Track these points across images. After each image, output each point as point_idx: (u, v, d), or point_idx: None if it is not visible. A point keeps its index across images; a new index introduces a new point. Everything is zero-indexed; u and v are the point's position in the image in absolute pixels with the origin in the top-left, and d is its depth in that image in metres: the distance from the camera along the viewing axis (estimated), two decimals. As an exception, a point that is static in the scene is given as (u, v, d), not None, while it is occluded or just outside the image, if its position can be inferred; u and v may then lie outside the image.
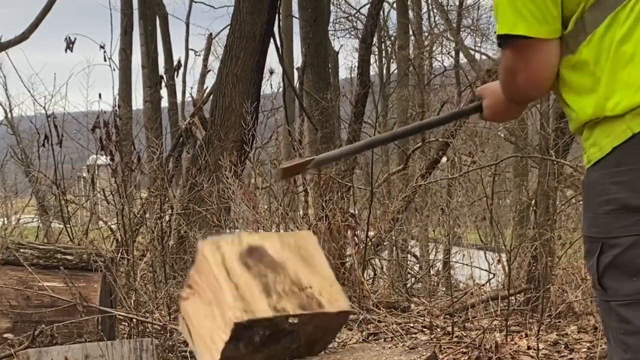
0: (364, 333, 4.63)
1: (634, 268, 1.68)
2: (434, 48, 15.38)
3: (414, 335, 4.64)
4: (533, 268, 5.45)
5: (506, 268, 5.21)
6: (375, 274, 6.33)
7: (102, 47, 9.85)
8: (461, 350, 4.33)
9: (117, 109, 6.92)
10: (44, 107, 8.80)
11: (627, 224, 1.67)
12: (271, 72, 10.70)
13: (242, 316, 2.01)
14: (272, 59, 15.87)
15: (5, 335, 4.04)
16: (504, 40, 1.83)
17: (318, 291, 2.14)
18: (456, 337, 4.59)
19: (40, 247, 4.37)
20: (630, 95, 1.68)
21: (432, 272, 6.77)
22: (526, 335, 4.73)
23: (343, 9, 17.30)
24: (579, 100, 1.78)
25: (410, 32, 14.78)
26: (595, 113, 1.73)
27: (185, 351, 4.18)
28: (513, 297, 5.30)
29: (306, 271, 2.16)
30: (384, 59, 17.75)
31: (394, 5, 15.36)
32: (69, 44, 9.56)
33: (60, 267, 4.17)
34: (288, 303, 2.08)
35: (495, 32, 1.90)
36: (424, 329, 4.83)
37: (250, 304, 2.03)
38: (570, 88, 1.81)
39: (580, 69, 1.77)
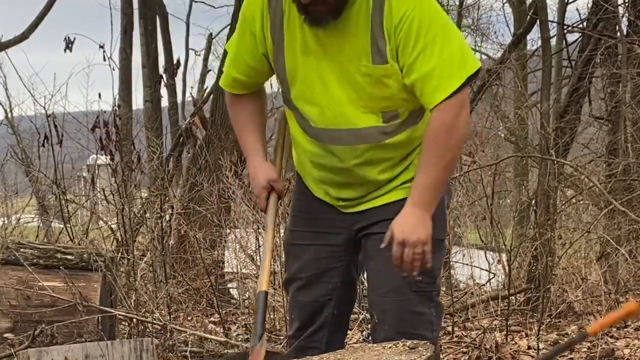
0: (364, 333, 4.62)
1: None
2: (434, 48, 15.33)
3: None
4: (533, 268, 5.45)
5: (506, 268, 5.21)
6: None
7: (101, 46, 9.81)
8: (461, 350, 4.33)
9: (117, 109, 6.90)
10: (44, 107, 8.76)
11: None
12: (271, 72, 10.67)
13: None
14: (272, 58, 15.81)
15: (5, 335, 4.04)
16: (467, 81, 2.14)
17: None
18: (456, 336, 4.59)
19: (41, 246, 4.35)
20: None
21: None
22: (526, 335, 4.73)
23: (343, 8, 17.26)
24: None
25: (411, 32, 14.74)
26: None
27: (185, 351, 4.18)
28: (513, 297, 5.29)
29: None
30: (384, 59, 17.73)
31: (394, 5, 15.30)
32: (68, 44, 9.53)
33: (61, 267, 4.16)
34: None
35: (464, 71, 2.10)
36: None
37: None
38: None
39: None
